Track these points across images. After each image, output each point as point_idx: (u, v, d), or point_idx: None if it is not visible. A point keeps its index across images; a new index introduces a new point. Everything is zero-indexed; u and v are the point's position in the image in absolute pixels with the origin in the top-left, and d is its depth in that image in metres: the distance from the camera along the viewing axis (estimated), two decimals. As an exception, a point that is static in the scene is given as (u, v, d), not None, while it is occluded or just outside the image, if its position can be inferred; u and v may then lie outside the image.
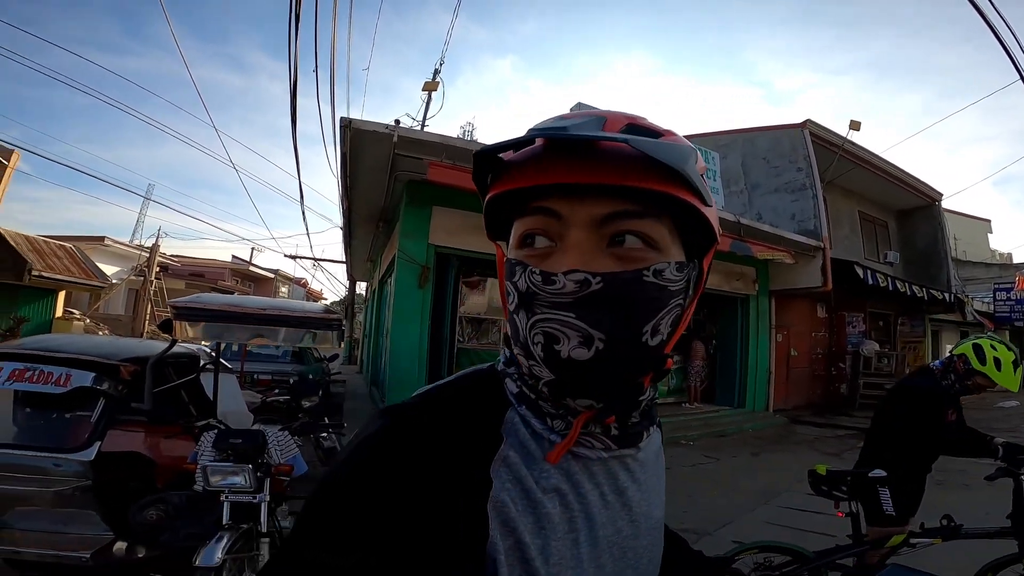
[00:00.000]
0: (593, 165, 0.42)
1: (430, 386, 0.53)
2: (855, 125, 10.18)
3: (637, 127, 0.46)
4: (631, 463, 0.52)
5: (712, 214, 0.47)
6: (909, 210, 14.26)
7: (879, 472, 2.19)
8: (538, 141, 0.43)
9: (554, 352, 0.43)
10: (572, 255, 0.43)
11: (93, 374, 2.71)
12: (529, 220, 0.46)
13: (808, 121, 10.41)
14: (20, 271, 13.29)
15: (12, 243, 13.42)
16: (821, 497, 2.32)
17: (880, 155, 11.93)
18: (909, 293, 11.02)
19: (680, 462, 6.28)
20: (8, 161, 12.78)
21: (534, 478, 0.46)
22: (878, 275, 10.31)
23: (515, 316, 0.46)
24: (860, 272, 9.95)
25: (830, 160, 10.47)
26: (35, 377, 2.62)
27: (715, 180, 9.14)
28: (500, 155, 0.46)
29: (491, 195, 0.47)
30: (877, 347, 11.97)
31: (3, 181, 12.96)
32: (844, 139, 10.51)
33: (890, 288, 10.48)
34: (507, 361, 0.53)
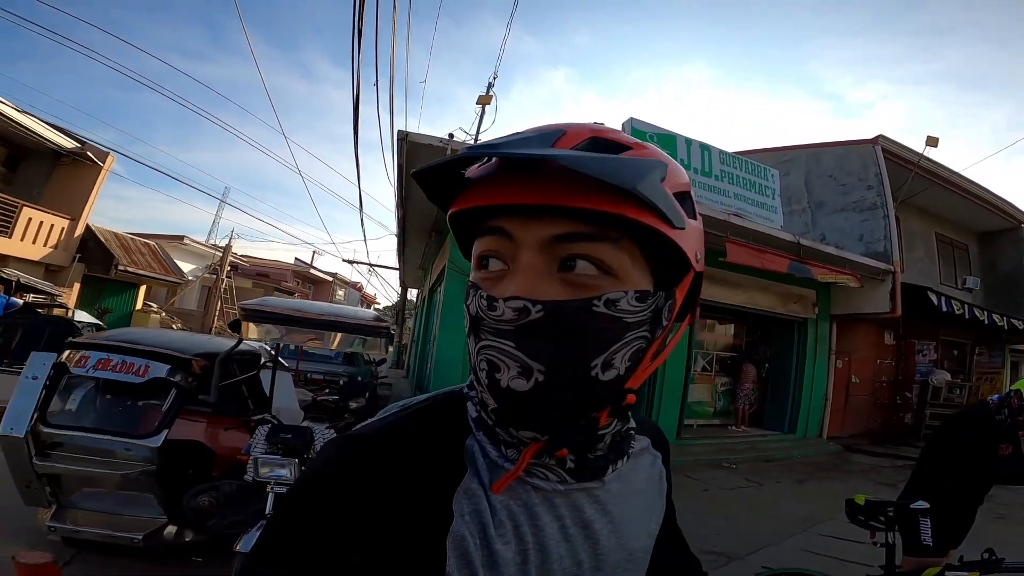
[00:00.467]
0: (544, 184, 0.39)
1: (397, 408, 0.52)
2: (932, 141, 9.55)
3: (601, 139, 0.43)
4: (600, 495, 0.50)
5: (685, 237, 0.43)
6: (992, 232, 13.20)
7: (922, 504, 2.13)
8: (494, 159, 0.42)
9: (495, 380, 0.41)
10: (519, 280, 0.41)
11: (168, 366, 2.97)
12: (486, 240, 0.44)
13: (880, 137, 9.85)
14: (108, 265, 14.56)
15: (102, 239, 14.72)
16: (859, 527, 2.28)
17: (960, 173, 11.13)
18: (988, 322, 10.21)
19: (719, 485, 6.11)
20: (104, 163, 13.98)
21: (492, 510, 0.45)
22: (953, 302, 9.62)
23: (468, 340, 0.45)
24: (934, 298, 9.32)
25: (904, 178, 9.86)
26: (118, 367, 2.89)
27: (774, 198, 8.81)
28: (463, 171, 0.44)
29: (450, 212, 0.46)
30: (948, 377, 11.14)
31: (99, 181, 14.16)
32: (920, 155, 9.86)
33: (966, 316, 9.75)
34: (471, 384, 0.51)
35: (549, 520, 0.47)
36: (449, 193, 0.45)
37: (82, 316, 10.30)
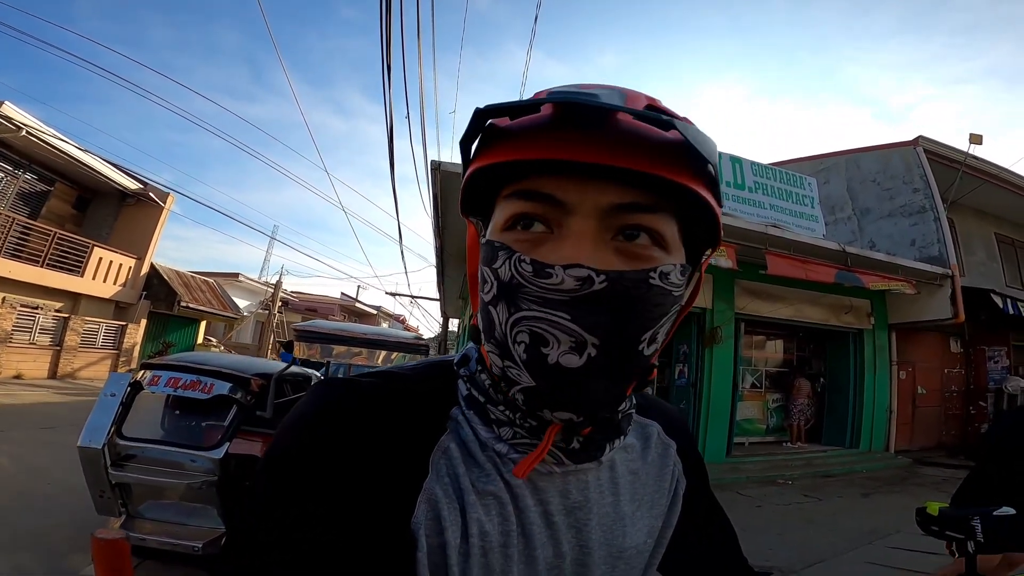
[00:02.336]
0: (612, 144, 0.36)
1: (390, 366, 0.51)
2: (976, 139, 9.16)
3: (658, 110, 0.40)
4: (590, 480, 0.47)
5: (720, 215, 0.42)
6: (1058, 228, 12.39)
7: (1008, 510, 2.03)
8: (543, 109, 0.38)
9: (540, 356, 0.38)
10: (573, 246, 0.38)
11: (230, 384, 3.20)
12: (522, 201, 0.40)
13: (920, 137, 9.53)
14: (171, 302, 15.48)
15: (166, 277, 15.71)
16: (933, 537, 2.17)
17: (1010, 169, 10.54)
18: (1062, 324, 9.52)
19: (774, 501, 5.87)
20: (165, 203, 14.97)
21: (471, 479, 0.43)
22: (1020, 304, 9.05)
23: (491, 308, 0.41)
24: (998, 301, 8.80)
25: (951, 179, 9.46)
26: (187, 385, 3.14)
27: (814, 207, 8.61)
28: (493, 120, 0.40)
29: (479, 165, 0.40)
30: (1024, 384, 10.37)
31: (161, 220, 15.16)
32: (965, 154, 9.48)
33: (1036, 319, 9.14)
34: (461, 360, 0.50)
35: (532, 503, 0.44)
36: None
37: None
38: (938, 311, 8.76)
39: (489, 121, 0.40)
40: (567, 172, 0.38)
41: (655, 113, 0.36)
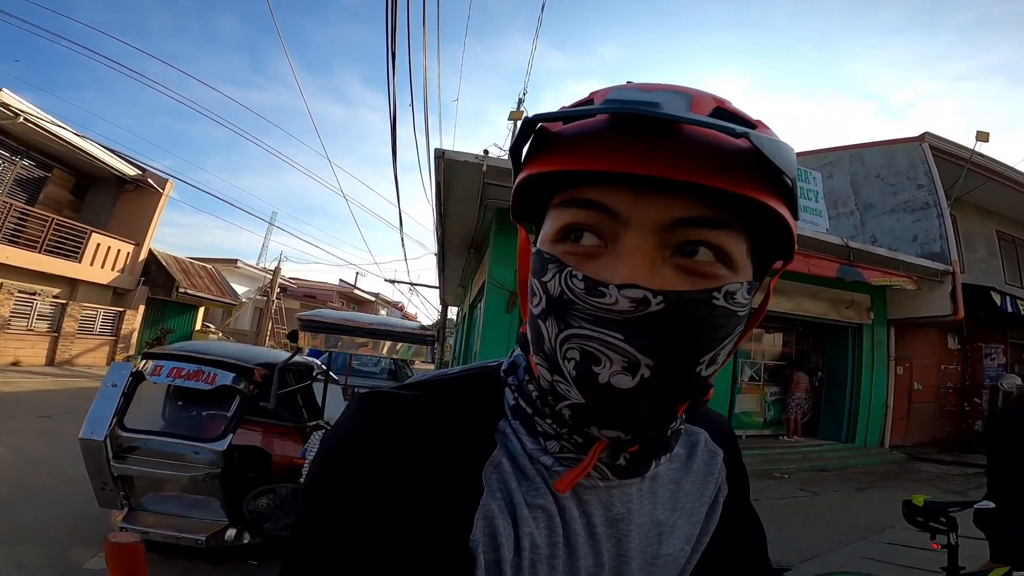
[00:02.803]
0: (676, 155, 0.34)
1: (432, 374, 0.50)
2: (983, 136, 9.13)
3: (727, 113, 0.38)
4: (632, 492, 0.47)
5: (795, 228, 0.39)
6: (1061, 228, 12.40)
7: (987, 504, 2.05)
8: (599, 113, 0.35)
9: (591, 374, 0.36)
10: (629, 264, 0.36)
11: (233, 374, 3.16)
12: (575, 211, 0.38)
13: (926, 134, 9.49)
14: (169, 288, 15.43)
15: (164, 263, 15.64)
16: (918, 529, 2.19)
17: (1015, 167, 10.53)
18: (1061, 322, 9.56)
19: (770, 495, 5.91)
20: (163, 189, 14.88)
21: (522, 493, 0.43)
22: (1019, 302, 9.08)
23: (540, 322, 0.39)
24: (997, 299, 8.82)
25: (956, 176, 9.43)
26: (190, 375, 3.10)
27: (817, 201, 8.59)
28: (545, 124, 0.38)
29: (531, 173, 0.39)
30: (1019, 381, 10.38)
31: (159, 207, 15.08)
32: (971, 151, 9.45)
33: (1034, 317, 9.18)
34: (509, 367, 0.48)
35: (578, 515, 0.44)
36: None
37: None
38: (938, 307, 8.78)
39: (540, 124, 0.38)
40: (625, 182, 0.36)
41: (723, 121, 0.33)
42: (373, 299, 33.88)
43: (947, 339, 10.68)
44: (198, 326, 17.65)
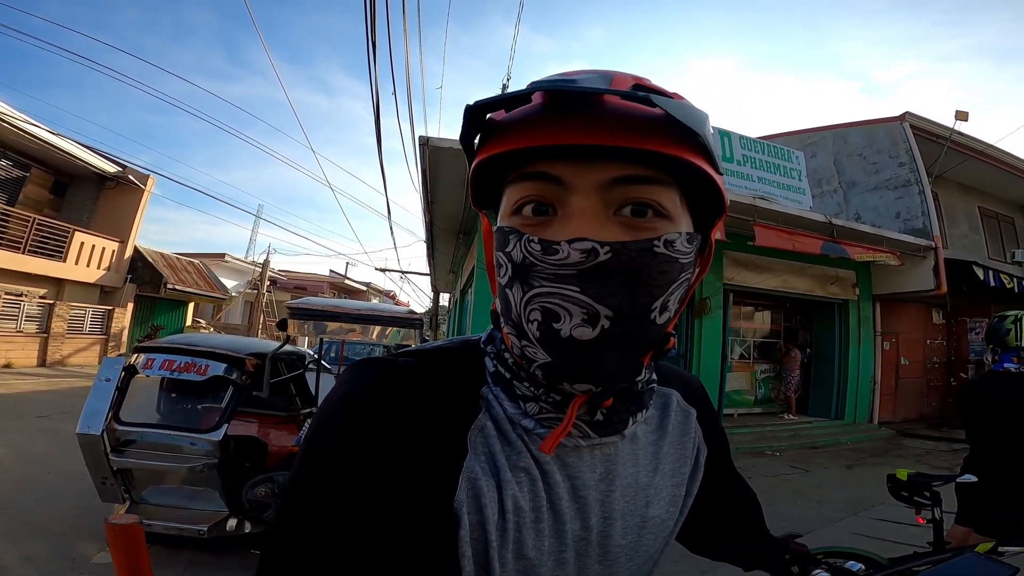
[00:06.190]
0: (602, 125, 0.38)
1: (424, 345, 0.52)
2: (962, 115, 9.25)
3: (645, 88, 0.41)
4: (613, 453, 0.49)
5: (722, 182, 0.44)
6: (1039, 202, 12.59)
7: (969, 477, 2.07)
8: (535, 98, 0.40)
9: (552, 331, 0.39)
10: (577, 222, 0.39)
11: (225, 365, 3.19)
12: (526, 185, 0.42)
13: (907, 113, 9.59)
14: (157, 285, 15.30)
15: (150, 259, 15.48)
16: (902, 503, 2.22)
17: (996, 145, 10.66)
18: (1041, 295, 9.75)
19: (762, 472, 6.01)
20: (145, 185, 14.64)
21: (505, 456, 0.45)
22: (1002, 276, 9.25)
23: (507, 291, 0.43)
24: (980, 273, 8.97)
25: (936, 154, 9.55)
26: (182, 367, 3.12)
27: (801, 180, 8.67)
28: (491, 114, 0.42)
29: (482, 158, 0.42)
30: (1004, 356, 10.63)
31: (142, 203, 14.85)
32: (951, 130, 9.56)
33: (1016, 290, 9.36)
34: (486, 339, 0.52)
35: (561, 478, 0.46)
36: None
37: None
38: (921, 282, 8.92)
39: (488, 115, 0.41)
40: (566, 156, 0.40)
41: (637, 92, 0.38)
42: (364, 288, 33.76)
43: (932, 314, 10.83)
44: (188, 322, 17.55)
